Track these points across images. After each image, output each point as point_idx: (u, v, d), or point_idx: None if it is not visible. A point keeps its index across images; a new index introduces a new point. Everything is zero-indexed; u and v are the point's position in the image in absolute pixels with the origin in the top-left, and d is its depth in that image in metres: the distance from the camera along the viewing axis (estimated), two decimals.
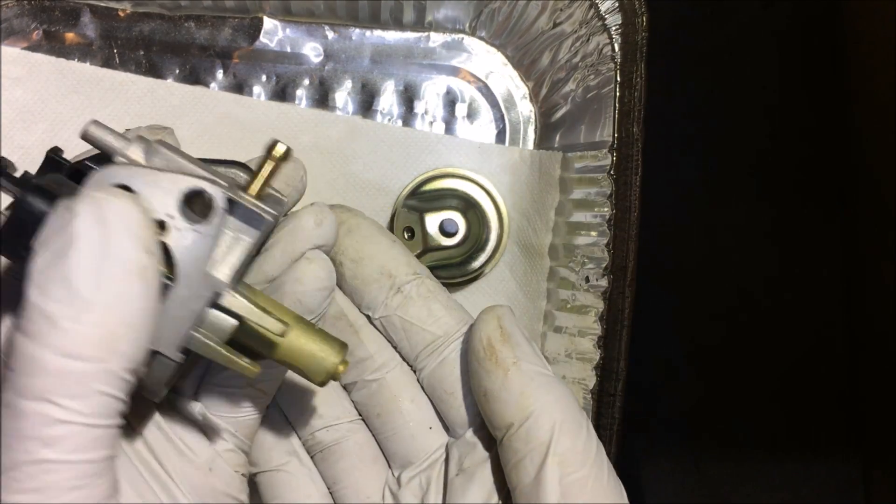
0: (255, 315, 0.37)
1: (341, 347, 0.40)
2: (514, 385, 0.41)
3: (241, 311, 0.37)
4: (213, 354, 0.37)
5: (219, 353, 0.37)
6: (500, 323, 0.43)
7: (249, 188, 0.37)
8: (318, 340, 0.40)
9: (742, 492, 0.84)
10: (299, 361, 0.39)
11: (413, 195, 0.70)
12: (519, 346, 0.43)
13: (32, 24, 0.71)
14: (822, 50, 0.86)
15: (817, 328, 0.85)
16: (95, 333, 0.31)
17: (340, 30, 0.73)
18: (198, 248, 0.35)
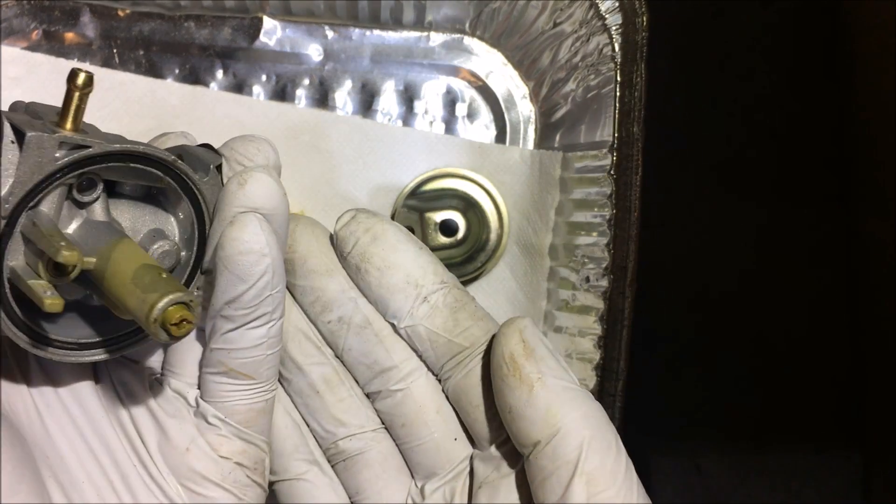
0: (45, 244, 0.35)
1: (169, 290, 0.34)
2: (539, 401, 0.40)
3: (35, 239, 0.35)
4: (20, 284, 0.35)
5: (22, 282, 0.35)
6: (523, 336, 0.42)
7: (64, 124, 0.36)
8: (149, 281, 0.35)
9: (742, 492, 0.84)
10: (127, 302, 0.35)
11: (413, 195, 0.69)
12: (543, 361, 0.41)
13: (32, 23, 0.71)
14: (822, 49, 0.86)
15: (818, 329, 0.85)
16: None
17: (340, 30, 0.73)
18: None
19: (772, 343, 0.85)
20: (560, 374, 0.41)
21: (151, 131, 0.69)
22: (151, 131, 0.69)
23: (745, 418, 0.85)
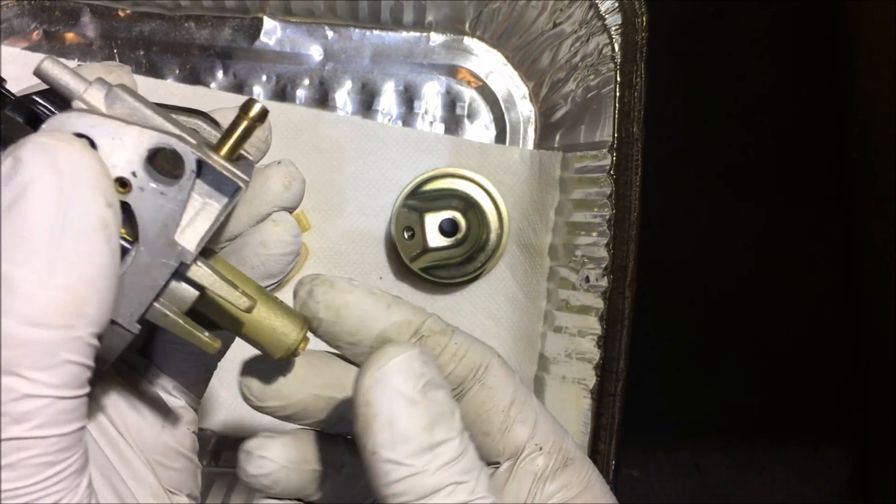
0: (222, 288, 0.34)
1: (303, 323, 0.37)
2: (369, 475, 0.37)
3: (206, 283, 0.34)
4: (172, 326, 0.34)
5: (178, 326, 0.34)
6: (367, 398, 0.36)
7: (221, 149, 0.34)
8: (279, 315, 0.37)
9: (742, 492, 0.84)
10: (259, 337, 0.37)
11: (413, 195, 0.70)
12: (379, 433, 0.35)
13: (32, 24, 0.71)
14: (822, 49, 0.86)
15: (818, 330, 0.85)
16: (61, 298, 0.28)
17: (340, 30, 0.73)
18: (163, 211, 0.32)
19: (772, 343, 0.85)
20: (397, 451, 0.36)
21: None
22: None
23: (745, 418, 0.85)
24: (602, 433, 0.63)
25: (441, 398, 0.35)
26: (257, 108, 0.34)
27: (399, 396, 0.35)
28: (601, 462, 0.63)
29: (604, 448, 0.63)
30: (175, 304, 0.34)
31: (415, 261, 0.69)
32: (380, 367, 0.35)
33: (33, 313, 0.28)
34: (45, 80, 0.33)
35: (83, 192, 0.29)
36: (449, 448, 0.35)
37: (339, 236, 0.71)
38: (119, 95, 0.33)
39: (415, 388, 0.35)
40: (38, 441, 0.29)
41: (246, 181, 0.33)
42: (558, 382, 0.68)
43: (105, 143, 0.31)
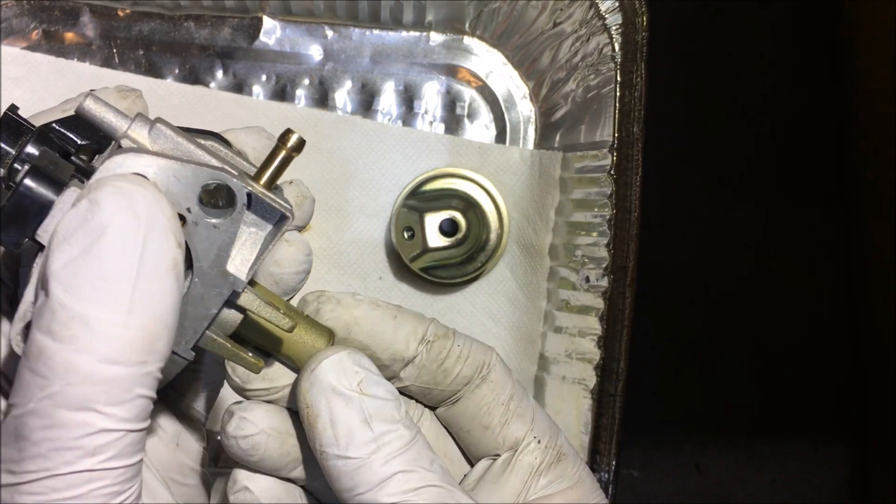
0: (266, 311, 0.36)
1: (329, 336, 0.39)
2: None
3: (252, 307, 0.36)
4: (220, 349, 0.36)
5: (225, 349, 0.36)
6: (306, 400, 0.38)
7: (260, 179, 0.35)
8: (309, 329, 0.39)
9: (742, 492, 0.84)
10: (291, 352, 0.39)
11: (413, 195, 0.69)
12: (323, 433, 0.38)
13: (32, 23, 0.71)
14: (822, 49, 0.86)
15: (818, 329, 0.85)
16: (137, 336, 0.30)
17: (340, 30, 0.73)
18: (216, 243, 0.34)
19: (772, 343, 0.85)
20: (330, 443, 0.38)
21: None
22: None
23: (745, 418, 0.85)
24: (602, 433, 0.63)
25: (379, 392, 0.37)
26: (294, 139, 0.35)
27: (334, 395, 0.36)
28: (601, 462, 0.63)
29: (604, 448, 0.63)
30: (220, 328, 0.36)
31: (415, 261, 0.69)
32: (313, 370, 0.37)
33: (112, 352, 0.29)
34: (87, 119, 0.34)
35: (158, 234, 0.30)
36: (394, 438, 0.36)
37: (338, 236, 0.71)
38: (161, 131, 0.34)
39: (350, 385, 0.37)
40: (108, 472, 0.30)
41: (291, 210, 0.35)
42: (558, 382, 0.68)
43: (162, 181, 0.33)
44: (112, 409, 0.30)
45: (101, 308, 0.29)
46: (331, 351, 0.37)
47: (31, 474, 0.30)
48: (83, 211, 0.30)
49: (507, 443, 0.42)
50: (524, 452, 0.42)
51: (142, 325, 0.30)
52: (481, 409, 0.42)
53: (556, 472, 0.42)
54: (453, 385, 0.42)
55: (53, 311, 0.29)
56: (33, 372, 0.29)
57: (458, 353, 0.41)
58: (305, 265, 0.41)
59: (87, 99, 0.34)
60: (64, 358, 0.29)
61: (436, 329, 0.42)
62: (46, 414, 0.29)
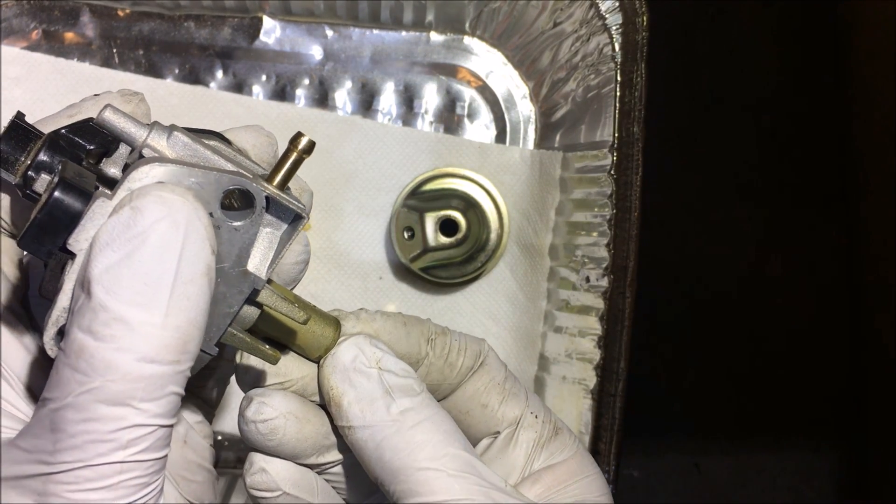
0: (282, 305, 0.37)
1: (337, 325, 0.41)
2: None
3: (269, 303, 0.37)
4: (240, 343, 0.38)
5: (245, 343, 0.38)
6: (330, 384, 0.40)
7: (273, 180, 0.37)
8: (318, 320, 0.40)
9: (742, 492, 0.84)
10: (302, 342, 0.40)
11: (413, 195, 0.69)
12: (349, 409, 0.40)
13: (32, 23, 0.71)
14: (823, 49, 0.86)
15: (818, 330, 0.85)
16: (173, 337, 0.32)
17: (340, 30, 0.73)
18: (237, 245, 0.36)
19: (772, 343, 0.85)
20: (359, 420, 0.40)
21: None
22: None
23: (745, 418, 0.85)
24: (602, 433, 0.63)
25: (398, 368, 0.40)
26: (305, 142, 0.37)
27: (355, 373, 0.39)
28: (601, 462, 0.63)
29: (604, 448, 0.63)
30: (240, 323, 0.38)
31: (415, 261, 0.69)
32: (333, 355, 0.40)
33: (150, 351, 0.32)
34: (106, 129, 0.36)
35: (195, 241, 0.33)
36: (417, 405, 0.39)
37: (339, 236, 0.71)
38: (178, 139, 0.36)
39: (368, 363, 0.40)
40: (138, 465, 0.32)
41: (306, 210, 0.37)
42: (558, 383, 0.68)
43: (189, 187, 0.35)
44: (146, 405, 0.32)
45: (141, 310, 0.31)
46: (347, 338, 0.40)
47: (66, 464, 0.32)
48: (126, 218, 0.32)
49: (506, 419, 0.44)
50: (524, 427, 0.44)
51: (177, 327, 0.32)
52: (479, 390, 0.44)
53: (555, 445, 0.44)
54: (458, 377, 0.43)
55: (95, 312, 0.31)
56: (73, 369, 0.31)
57: (458, 346, 0.43)
58: (304, 255, 0.43)
59: (106, 110, 0.35)
60: (104, 356, 0.31)
61: (434, 327, 0.44)
62: (85, 408, 0.31)
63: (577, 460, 0.43)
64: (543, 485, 0.42)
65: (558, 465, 0.43)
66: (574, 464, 0.43)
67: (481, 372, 0.44)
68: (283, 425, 0.40)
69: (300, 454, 0.41)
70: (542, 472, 0.42)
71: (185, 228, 0.32)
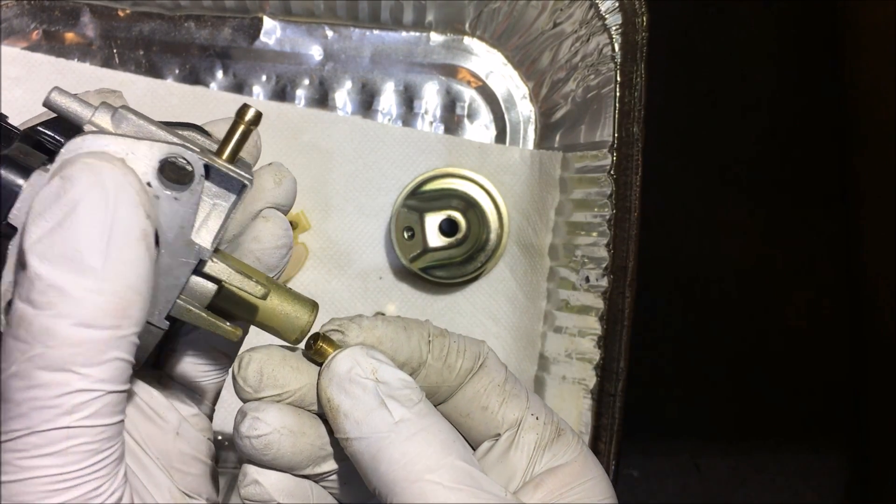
0: (238, 279, 0.37)
1: (312, 306, 0.41)
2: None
3: (223, 276, 0.37)
4: (196, 319, 0.37)
5: (202, 319, 0.37)
6: (327, 394, 0.40)
7: (223, 153, 0.37)
8: (291, 301, 0.40)
9: (742, 491, 0.84)
10: (274, 322, 0.40)
11: (413, 195, 0.69)
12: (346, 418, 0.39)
13: (32, 23, 0.71)
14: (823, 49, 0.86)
15: (818, 330, 0.85)
16: (110, 302, 0.32)
17: (340, 30, 0.73)
18: (179, 215, 0.35)
19: (772, 343, 0.85)
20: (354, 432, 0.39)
21: None
22: None
23: (745, 418, 0.85)
24: (602, 433, 0.63)
25: (394, 378, 0.39)
26: (252, 113, 0.38)
27: (352, 384, 0.39)
28: (601, 462, 0.62)
29: (604, 448, 0.63)
30: (196, 299, 0.38)
31: (415, 261, 0.69)
32: (329, 367, 0.40)
33: (86, 316, 0.32)
34: (54, 110, 0.36)
35: (126, 206, 0.32)
36: (413, 417, 0.38)
37: (339, 236, 0.71)
38: (124, 115, 0.36)
39: (365, 373, 0.39)
40: (86, 430, 0.32)
41: (250, 179, 0.36)
42: (558, 382, 0.68)
43: (125, 160, 0.35)
44: (88, 370, 0.32)
45: (76, 276, 0.31)
46: (342, 349, 0.40)
47: (15, 432, 0.32)
48: (56, 188, 0.32)
49: (506, 421, 0.43)
50: (525, 429, 0.43)
51: (114, 292, 0.32)
52: (479, 392, 0.43)
53: (558, 447, 0.43)
54: (457, 379, 0.43)
55: (31, 282, 0.31)
56: (16, 338, 0.32)
57: (457, 347, 0.43)
58: (284, 239, 0.42)
59: (52, 93, 0.36)
60: (42, 323, 0.31)
61: (433, 329, 0.43)
62: (27, 375, 0.31)
63: (580, 462, 0.43)
64: (546, 489, 0.41)
65: (561, 467, 0.42)
66: (577, 466, 0.43)
67: (481, 374, 0.43)
68: (278, 440, 0.40)
69: (296, 466, 0.41)
70: (544, 476, 0.42)
71: (115, 194, 0.32)
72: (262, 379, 0.40)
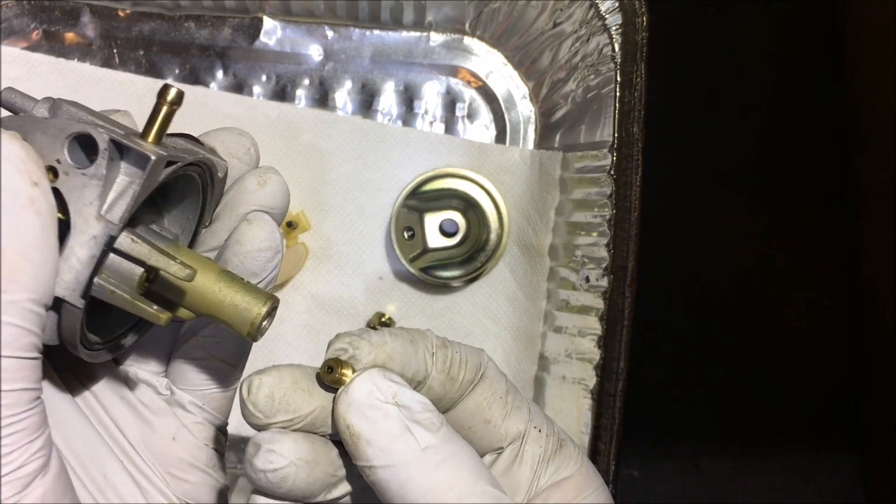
0: (159, 260, 0.37)
1: (267, 299, 0.39)
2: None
3: (142, 256, 0.37)
4: (121, 302, 0.37)
5: (125, 301, 0.37)
6: (347, 422, 0.38)
7: (148, 136, 0.37)
8: (241, 291, 0.39)
9: (742, 492, 0.84)
10: (222, 313, 0.39)
11: (413, 195, 0.69)
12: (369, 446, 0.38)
13: (32, 23, 0.71)
14: (823, 49, 0.86)
15: (818, 330, 0.85)
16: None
17: (340, 30, 0.73)
18: (87, 191, 0.35)
19: (772, 343, 0.85)
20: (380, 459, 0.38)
21: None
22: None
23: (745, 418, 0.85)
24: (602, 433, 0.63)
25: (415, 402, 0.38)
26: (173, 93, 0.38)
27: (372, 410, 0.37)
28: (601, 462, 0.63)
29: (604, 448, 0.63)
30: (124, 281, 0.38)
31: (415, 261, 0.69)
32: (347, 392, 0.38)
33: None
34: (5, 107, 0.38)
35: (10, 173, 0.33)
36: (438, 443, 0.37)
37: (339, 236, 0.71)
38: (60, 105, 0.37)
39: (385, 398, 0.38)
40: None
41: (159, 154, 0.36)
42: (558, 382, 0.68)
43: (33, 136, 0.36)
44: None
45: None
46: (359, 373, 0.38)
47: None
48: None
49: (509, 435, 0.43)
50: (528, 443, 0.42)
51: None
52: (481, 405, 0.42)
53: (561, 459, 0.43)
54: (459, 391, 0.42)
55: None
56: None
57: (460, 358, 0.42)
58: (267, 242, 0.42)
59: (5, 90, 0.37)
60: None
61: (436, 340, 0.42)
62: None
63: (582, 475, 0.43)
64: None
65: (565, 481, 0.42)
66: (580, 479, 0.42)
67: (482, 385, 0.42)
68: (294, 472, 0.38)
69: (310, 496, 0.39)
70: (550, 491, 0.42)
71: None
72: (273, 404, 0.39)
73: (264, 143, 0.71)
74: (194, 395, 0.44)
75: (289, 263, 0.70)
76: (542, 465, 0.42)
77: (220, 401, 0.44)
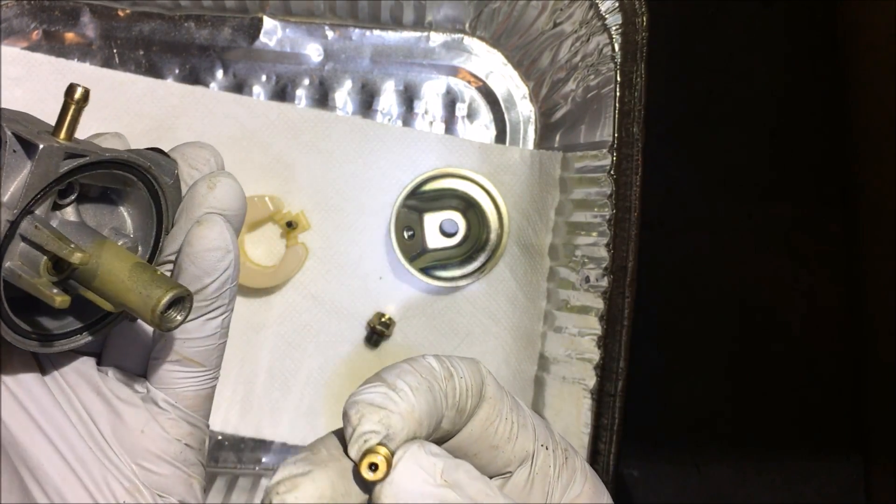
0: (54, 245, 0.38)
1: (171, 288, 0.39)
2: None
3: (41, 242, 0.38)
4: (26, 285, 0.39)
5: (28, 283, 0.39)
6: None
7: (59, 133, 0.39)
8: (148, 280, 0.39)
9: (742, 492, 0.84)
10: (129, 300, 0.40)
11: (413, 195, 0.70)
12: None
13: (32, 23, 0.71)
14: (823, 49, 0.86)
15: (818, 330, 0.85)
16: None
17: (340, 30, 0.73)
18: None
19: (772, 343, 0.85)
20: None
21: (151, 131, 0.70)
22: (151, 131, 0.70)
23: (744, 419, 0.85)
24: (602, 433, 0.63)
25: (463, 475, 0.35)
26: (79, 91, 0.39)
27: (424, 497, 0.34)
28: (601, 462, 0.63)
29: (604, 448, 0.63)
30: (31, 266, 0.39)
31: (415, 261, 0.69)
32: (391, 482, 0.34)
33: None
34: None
35: None
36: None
37: (339, 236, 0.71)
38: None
39: (434, 480, 0.34)
40: None
41: (49, 144, 0.38)
42: (558, 382, 0.68)
43: None
44: None
45: None
46: (400, 452, 0.34)
47: None
48: None
49: (517, 458, 0.41)
50: (538, 463, 0.41)
51: None
52: (487, 429, 0.40)
53: (567, 474, 0.42)
54: (465, 420, 0.40)
55: None
56: None
57: (464, 385, 0.39)
58: (216, 242, 0.42)
59: None
60: None
61: (441, 372, 0.39)
62: None
63: (590, 488, 0.42)
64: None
65: (579, 496, 0.41)
66: (589, 490, 0.42)
67: (485, 406, 0.40)
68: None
69: None
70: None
71: None
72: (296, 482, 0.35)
73: (264, 143, 0.71)
74: (167, 393, 0.44)
75: (289, 263, 0.70)
76: (553, 483, 0.41)
77: (194, 399, 0.45)
